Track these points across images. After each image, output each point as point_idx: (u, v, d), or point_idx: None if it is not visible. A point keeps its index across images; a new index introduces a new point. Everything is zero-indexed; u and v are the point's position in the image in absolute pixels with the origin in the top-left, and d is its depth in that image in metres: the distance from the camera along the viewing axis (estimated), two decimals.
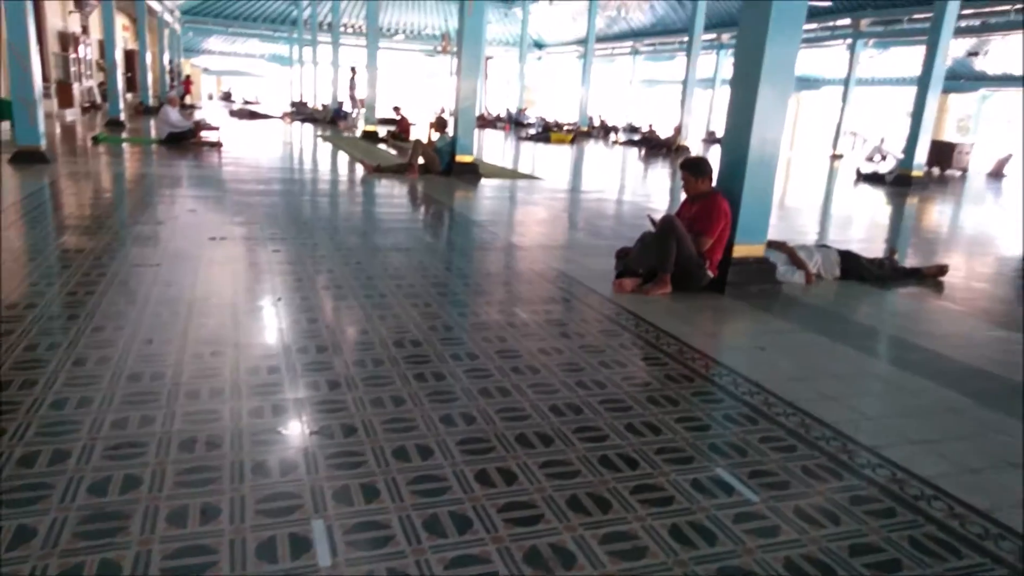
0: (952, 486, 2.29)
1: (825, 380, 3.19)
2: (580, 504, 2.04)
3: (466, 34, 10.15)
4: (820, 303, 4.62)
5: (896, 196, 11.75)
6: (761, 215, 4.75)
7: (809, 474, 2.32)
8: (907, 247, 7.13)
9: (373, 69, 16.47)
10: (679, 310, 4.18)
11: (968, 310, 4.66)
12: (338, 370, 2.89)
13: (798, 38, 4.56)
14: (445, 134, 10.54)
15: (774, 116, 4.57)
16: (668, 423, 2.63)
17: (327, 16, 31.52)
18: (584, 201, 9.30)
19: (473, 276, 4.75)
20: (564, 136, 21.41)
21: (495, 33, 37.68)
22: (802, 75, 27.03)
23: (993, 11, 16.39)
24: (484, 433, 2.44)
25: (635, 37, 30.25)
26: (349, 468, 2.15)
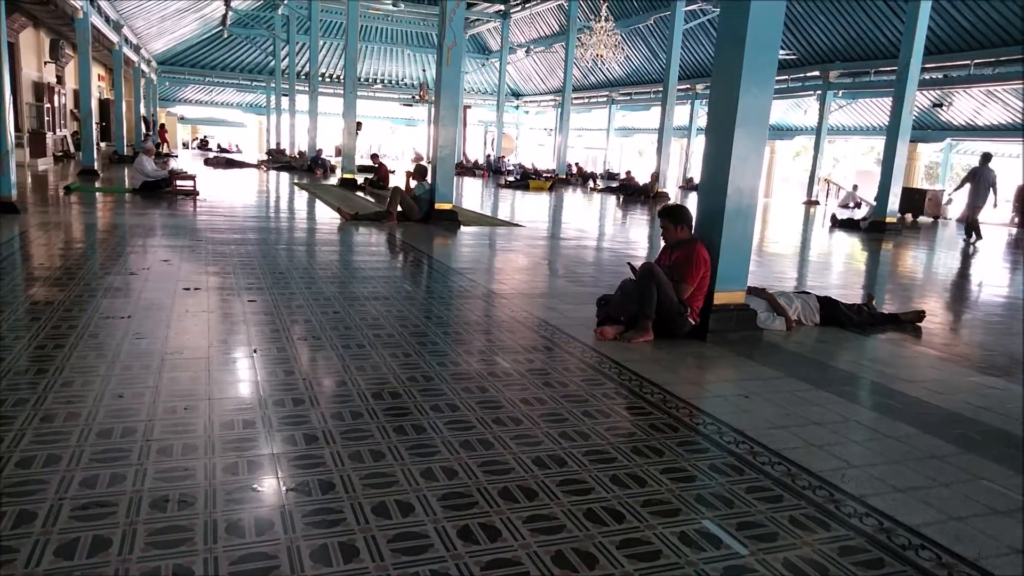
0: (939, 535, 2.26)
1: (809, 428, 3.17)
2: (566, 560, 1.99)
3: (444, 83, 10.31)
4: (801, 349, 4.64)
5: (871, 242, 11.98)
6: (740, 262, 4.80)
7: (797, 524, 2.28)
8: (884, 293, 7.22)
9: (351, 118, 16.63)
10: (661, 358, 4.17)
11: (947, 355, 4.70)
12: (315, 423, 2.83)
13: (770, 89, 4.67)
14: (424, 182, 10.61)
15: (750, 164, 4.66)
16: (653, 474, 2.59)
17: (305, 66, 31.98)
18: (564, 248, 9.36)
19: (453, 325, 4.72)
20: (543, 183, 21.66)
21: (473, 82, 38.44)
22: (776, 124, 27.76)
23: (954, 65, 17.02)
24: (466, 487, 2.38)
25: (611, 87, 30.96)
26: (327, 526, 2.07)
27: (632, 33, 26.73)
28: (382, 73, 38.34)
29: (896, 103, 13.01)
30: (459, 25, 10.38)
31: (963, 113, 21.46)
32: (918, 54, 12.66)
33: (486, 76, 38.89)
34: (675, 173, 27.28)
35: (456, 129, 11.12)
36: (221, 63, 35.84)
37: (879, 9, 18.18)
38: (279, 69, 32.66)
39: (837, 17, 19.46)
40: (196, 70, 35.47)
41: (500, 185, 22.24)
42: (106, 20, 18.73)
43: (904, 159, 13.42)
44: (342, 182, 17.12)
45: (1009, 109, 20.08)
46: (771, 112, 4.79)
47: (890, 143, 13.12)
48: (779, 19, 4.62)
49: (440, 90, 10.38)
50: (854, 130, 25.98)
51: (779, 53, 15.43)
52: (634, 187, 20.65)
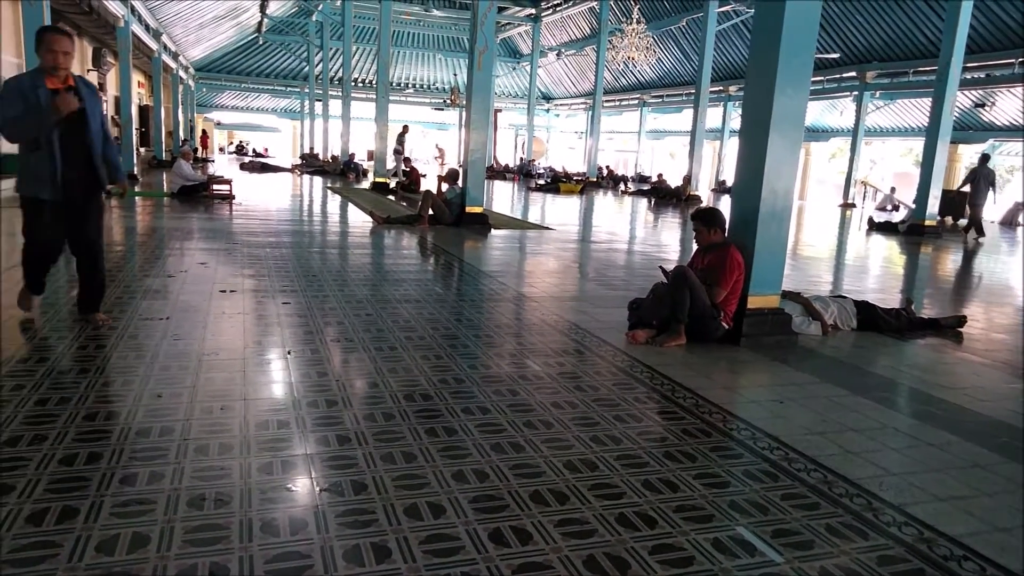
0: (982, 546, 2.20)
1: (846, 434, 3.11)
2: (598, 565, 1.98)
3: (475, 87, 10.35)
4: (837, 355, 4.55)
5: (910, 245, 11.73)
6: (775, 265, 4.73)
7: (833, 533, 2.24)
8: (923, 297, 7.07)
9: (383, 123, 16.78)
10: (694, 362, 4.12)
11: (989, 361, 4.58)
12: (348, 425, 2.85)
13: (806, 89, 4.61)
14: (455, 185, 10.66)
15: (785, 167, 4.60)
16: (686, 480, 2.56)
17: (338, 72, 32.36)
18: (594, 251, 9.32)
19: (484, 328, 4.73)
20: (573, 186, 21.62)
21: (504, 86, 38.54)
22: (811, 125, 27.34)
23: (997, 64, 16.60)
24: (497, 490, 2.38)
25: (643, 89, 30.79)
26: (360, 527, 2.09)
27: (664, 35, 26.56)
28: (414, 77, 38.64)
29: (936, 104, 12.73)
30: (490, 29, 10.42)
31: (1006, 113, 20.89)
32: (959, 53, 12.36)
33: (517, 80, 38.96)
34: (707, 176, 27.01)
35: (487, 133, 11.16)
36: (256, 69, 36.46)
37: (918, 8, 17.81)
38: (312, 74, 33.12)
39: (875, 16, 19.10)
40: (232, 76, 36.12)
41: (530, 188, 22.24)
42: (146, 28, 19.20)
43: (944, 161, 13.12)
44: (374, 186, 17.28)
45: None
46: (807, 113, 4.72)
47: (929, 144, 12.84)
48: (815, 19, 4.55)
49: (471, 94, 10.42)
50: (892, 131, 25.46)
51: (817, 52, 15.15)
52: (666, 190, 20.51)
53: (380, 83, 16.86)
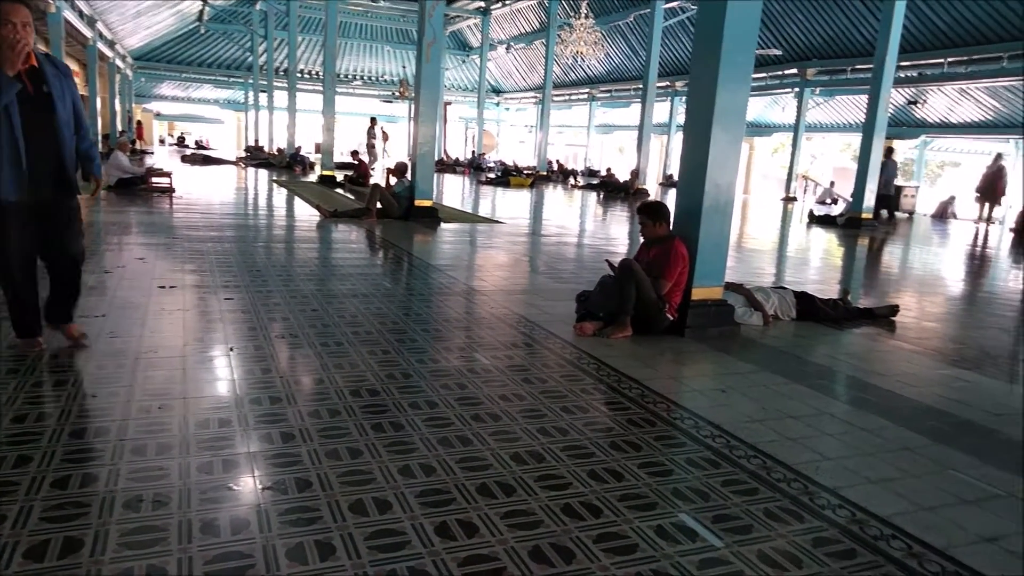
0: (910, 525, 2.30)
1: (785, 421, 3.21)
2: (543, 555, 2.00)
3: (423, 80, 10.28)
4: (778, 344, 4.68)
5: (847, 238, 12.11)
6: (718, 258, 4.83)
7: (771, 517, 2.31)
8: (860, 287, 7.31)
9: (330, 115, 16.52)
10: (640, 353, 4.19)
11: (920, 349, 4.77)
12: (292, 422, 2.81)
13: (747, 86, 4.71)
14: (404, 179, 10.57)
15: (727, 161, 4.69)
16: (631, 469, 2.61)
17: (283, 63, 31.69)
18: (544, 244, 9.37)
19: (432, 322, 4.71)
20: (523, 180, 21.66)
21: (453, 79, 38.32)
22: (754, 121, 27.97)
23: (928, 63, 17.25)
24: (444, 484, 2.38)
25: (591, 84, 31.00)
26: (304, 524, 2.07)
27: (612, 30, 26.78)
28: (362, 69, 38.09)
29: (872, 100, 13.16)
30: (438, 21, 10.34)
31: (937, 110, 21.77)
32: (893, 52, 12.80)
33: (467, 73, 38.79)
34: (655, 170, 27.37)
35: (436, 126, 11.09)
36: (198, 59, 35.40)
37: (856, 8, 18.36)
38: (257, 65, 32.34)
39: (815, 15, 19.63)
40: (173, 66, 34.97)
41: (481, 182, 22.20)
42: (79, 15, 18.44)
43: (880, 156, 13.58)
44: (321, 179, 17.01)
45: (982, 107, 20.40)
46: (749, 109, 4.83)
47: (866, 140, 13.27)
48: (756, 18, 4.66)
49: (419, 86, 10.34)
50: (831, 127, 26.25)
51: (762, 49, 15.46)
52: (614, 184, 20.73)
53: (327, 75, 16.58)
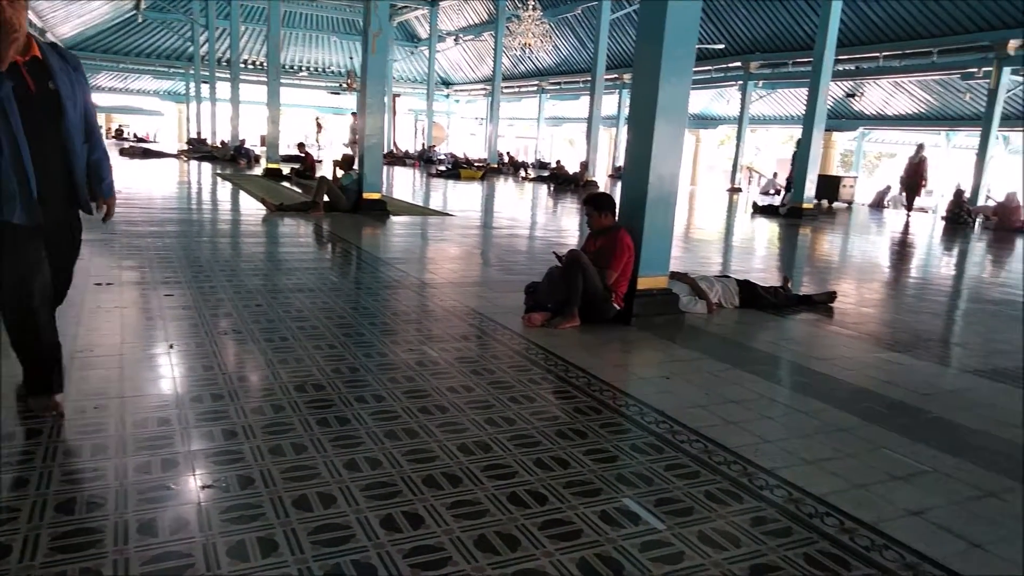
0: (843, 502, 2.39)
1: (727, 406, 3.29)
2: (488, 543, 2.01)
3: (369, 72, 10.15)
4: (721, 331, 4.79)
5: (789, 227, 12.44)
6: (663, 248, 4.92)
7: (712, 499, 2.37)
8: (801, 275, 7.53)
9: (275, 107, 16.19)
10: (587, 343, 4.24)
11: (857, 334, 4.94)
12: (235, 419, 2.76)
13: (689, 79, 4.79)
14: (351, 171, 10.44)
15: (671, 153, 4.77)
16: (576, 456, 2.64)
17: (226, 53, 30.88)
18: (495, 237, 9.38)
19: (381, 316, 4.68)
20: (474, 173, 21.61)
21: (402, 70, 37.94)
22: (700, 113, 28.46)
23: (865, 57, 17.81)
24: (390, 477, 2.37)
25: (541, 76, 31.08)
26: (245, 522, 2.04)
27: (560, 23, 26.88)
28: (307, 60, 37.39)
29: (812, 93, 13.53)
30: (384, 12, 10.24)
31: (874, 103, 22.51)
32: (831, 46, 13.17)
33: (415, 64, 38.44)
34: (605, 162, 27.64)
35: (384, 118, 10.97)
36: (136, 49, 34.21)
37: (796, 3, 18.83)
38: (198, 55, 31.42)
39: (757, 10, 20.06)
40: (109, 56, 33.73)
41: (431, 175, 22.07)
42: None
43: (820, 147, 13.98)
44: (267, 172, 16.67)
45: (915, 100, 21.17)
46: (695, 102, 4.92)
47: (806, 132, 13.64)
48: (696, 13, 4.75)
49: (366, 78, 10.21)
50: (774, 119, 26.90)
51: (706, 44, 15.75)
52: (564, 176, 20.85)
53: (271, 65, 16.24)
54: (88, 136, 2.73)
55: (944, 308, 6.37)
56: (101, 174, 2.84)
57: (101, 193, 2.87)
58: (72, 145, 2.64)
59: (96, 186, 2.84)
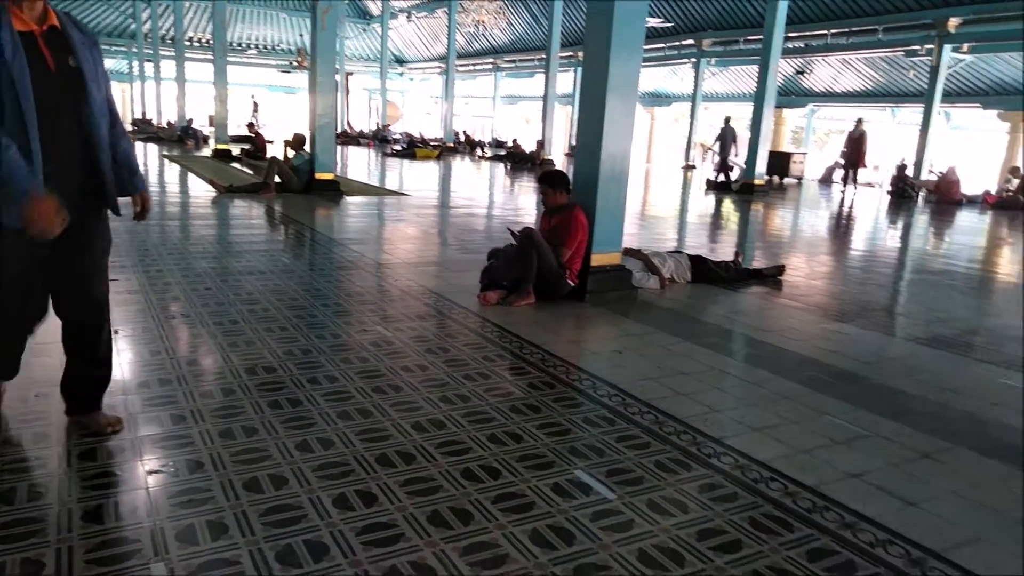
0: (786, 467, 2.48)
1: (677, 378, 3.36)
2: (441, 519, 2.03)
3: (319, 49, 9.95)
4: (674, 306, 4.87)
5: (741, 203, 12.66)
6: (616, 225, 4.96)
7: (662, 468, 2.43)
8: (752, 250, 7.67)
9: (222, 86, 15.75)
10: (542, 319, 4.27)
11: (804, 306, 5.07)
12: (183, 404, 2.72)
13: (639, 56, 4.81)
14: (302, 151, 10.25)
15: (622, 130, 4.80)
16: (530, 430, 2.67)
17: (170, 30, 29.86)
18: (452, 216, 9.33)
19: (334, 297, 4.63)
20: (430, 152, 21.42)
21: (354, 48, 37.20)
22: (655, 91, 28.62)
23: (813, 34, 18.10)
24: (343, 457, 2.37)
25: (496, 54, 30.83)
26: (195, 506, 2.02)
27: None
28: (256, 38, 36.36)
29: (762, 70, 13.70)
30: None
31: (823, 80, 22.92)
32: (781, 23, 13.34)
33: (368, 42, 37.73)
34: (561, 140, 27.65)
35: (335, 96, 10.78)
36: None
37: None
38: (141, 32, 30.32)
39: None
40: None
41: (386, 154, 21.81)
42: None
43: (771, 124, 14.21)
44: (216, 153, 16.26)
45: (862, 77, 21.63)
46: (649, 80, 4.97)
47: (757, 109, 13.83)
48: None
49: (316, 56, 10.00)
50: (727, 97, 27.19)
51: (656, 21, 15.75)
52: (521, 155, 20.79)
53: (217, 43, 15.76)
54: (112, 125, 2.34)
55: (888, 279, 6.57)
56: (132, 166, 2.46)
57: (134, 187, 2.48)
58: (98, 134, 2.23)
59: (128, 180, 2.45)
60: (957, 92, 19.04)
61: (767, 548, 1.98)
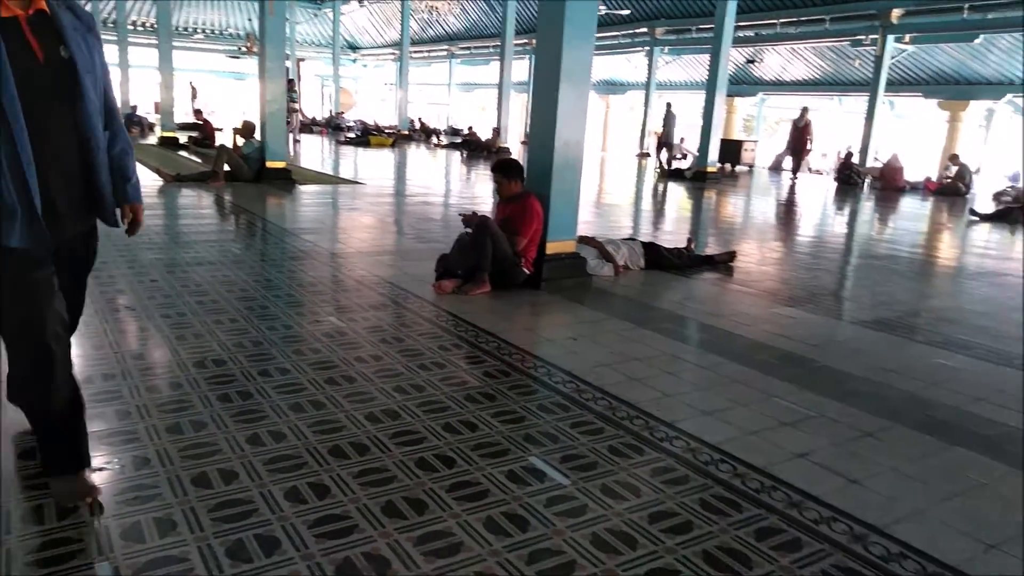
0: (736, 449, 2.53)
1: (631, 363, 3.40)
2: (395, 509, 2.02)
3: (268, 34, 9.72)
4: (627, 292, 4.93)
5: (694, 190, 12.83)
6: (570, 212, 4.98)
7: (615, 452, 2.46)
8: (705, 236, 7.80)
9: (167, 72, 15.29)
10: (497, 308, 4.27)
11: (754, 291, 5.18)
12: (128, 399, 2.65)
13: (591, 44, 4.82)
14: (252, 139, 10.02)
15: (576, 118, 4.81)
16: (485, 419, 2.67)
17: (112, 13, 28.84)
18: (407, 205, 9.25)
19: (286, 288, 4.55)
20: (385, 140, 21.17)
21: (306, 34, 36.47)
22: (609, 79, 28.74)
23: (764, 24, 18.38)
24: (295, 449, 2.34)
25: (450, 41, 30.57)
26: (141, 503, 1.97)
27: None
28: (203, 22, 35.33)
29: (714, 59, 13.88)
30: None
31: (773, 69, 23.31)
32: (732, 13, 13.51)
33: (320, 27, 37.00)
34: (517, 128, 27.60)
35: (285, 83, 10.55)
36: None
37: None
38: None
39: None
40: None
41: (340, 142, 21.48)
42: None
43: (723, 112, 14.41)
44: (162, 141, 15.80)
45: (810, 66, 22.07)
46: (604, 68, 4.98)
47: (709, 97, 14.00)
48: None
49: (265, 41, 9.77)
50: (681, 85, 27.46)
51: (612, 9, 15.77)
52: (477, 143, 20.70)
53: (161, 26, 15.28)
54: (108, 122, 2.06)
55: (835, 265, 6.75)
56: (126, 171, 2.14)
57: (126, 197, 2.16)
58: (92, 135, 1.94)
59: (120, 188, 2.13)
60: (900, 81, 19.57)
61: (717, 528, 2.02)
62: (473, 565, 1.79)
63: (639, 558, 1.87)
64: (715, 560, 1.88)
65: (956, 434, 2.80)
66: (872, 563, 1.91)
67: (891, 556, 1.95)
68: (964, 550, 2.00)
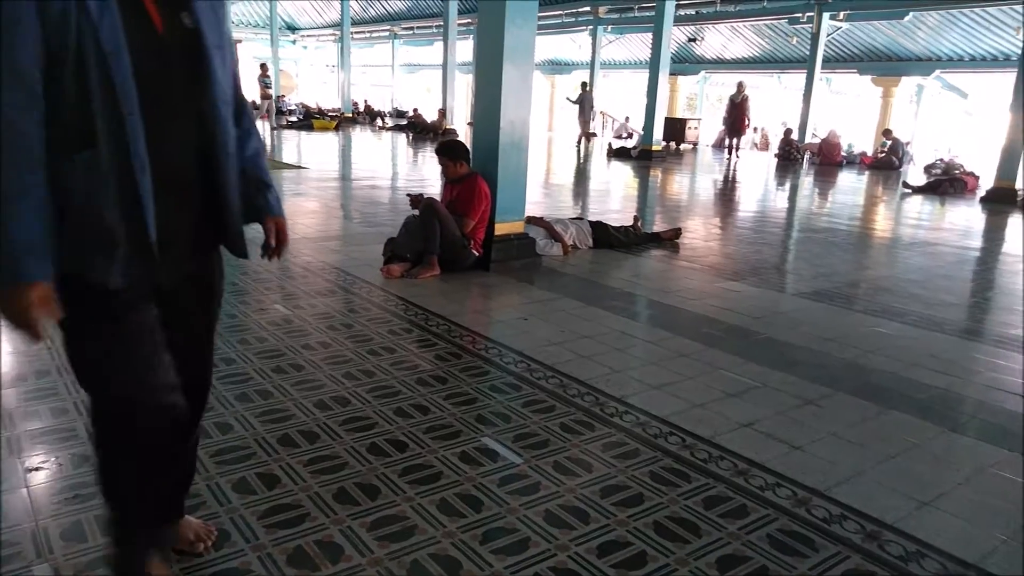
0: (684, 421, 2.59)
1: (581, 341, 3.43)
2: (348, 495, 2.01)
3: None
4: (576, 271, 4.96)
5: (640, 169, 12.97)
6: (518, 193, 4.97)
7: (566, 429, 2.49)
8: (652, 214, 7.89)
9: None
10: (447, 290, 4.25)
11: (700, 267, 5.28)
12: (65, 396, 2.55)
13: (533, 23, 4.79)
14: None
15: (520, 97, 4.79)
16: (437, 402, 2.67)
17: None
18: (353, 189, 9.11)
19: (229, 276, 4.40)
20: (328, 123, 20.77)
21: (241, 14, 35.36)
22: (554, 59, 28.71)
23: (704, 2, 18.58)
24: (243, 440, 2.29)
25: (392, 21, 30.03)
26: (81, 502, 1.91)
27: None
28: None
29: (656, 38, 13.98)
30: None
31: (714, 48, 23.63)
32: None
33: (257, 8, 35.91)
34: (463, 109, 27.37)
35: None
36: None
37: None
38: None
39: None
40: None
41: (281, 126, 20.97)
42: None
43: (666, 91, 14.56)
44: None
45: (750, 44, 22.44)
46: (548, 48, 4.95)
47: (652, 76, 14.13)
48: None
49: None
50: (625, 64, 27.63)
51: None
52: (422, 124, 20.48)
53: None
54: (239, 115, 1.57)
55: (777, 239, 6.92)
56: (263, 176, 1.65)
57: (269, 209, 1.68)
58: (224, 132, 1.46)
59: (260, 198, 1.65)
60: (836, 58, 20.07)
61: (667, 499, 2.07)
62: (427, 547, 1.79)
63: (591, 532, 1.90)
64: (665, 530, 1.92)
65: (892, 398, 2.91)
66: (815, 525, 1.98)
67: (832, 518, 2.02)
68: (900, 508, 2.09)
